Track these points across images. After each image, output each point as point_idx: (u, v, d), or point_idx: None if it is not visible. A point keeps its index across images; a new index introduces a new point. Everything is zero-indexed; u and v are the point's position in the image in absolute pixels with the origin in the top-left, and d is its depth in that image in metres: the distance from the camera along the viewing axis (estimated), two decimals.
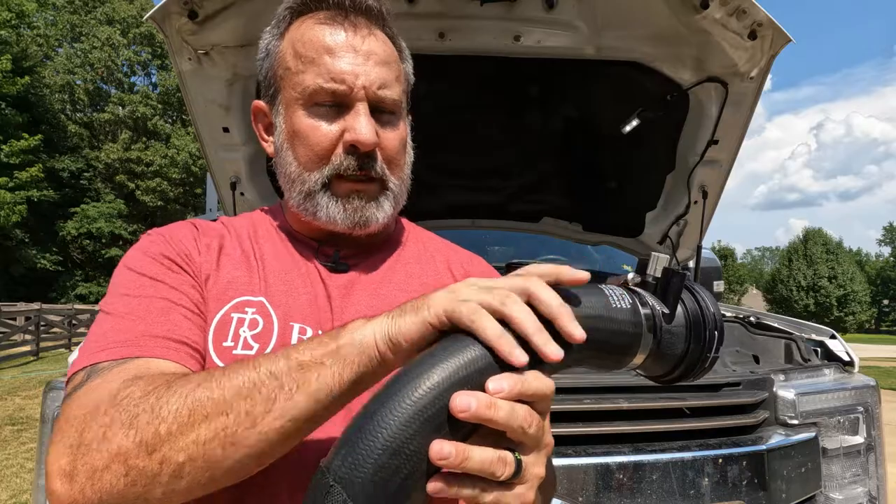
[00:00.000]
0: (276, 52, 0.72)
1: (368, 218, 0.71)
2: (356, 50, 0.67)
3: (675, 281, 0.55)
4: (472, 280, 0.50)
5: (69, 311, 15.21)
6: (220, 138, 1.97)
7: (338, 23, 0.68)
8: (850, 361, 1.66)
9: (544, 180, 2.69)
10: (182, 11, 1.51)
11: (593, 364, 0.54)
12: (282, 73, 0.71)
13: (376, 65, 0.68)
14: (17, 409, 6.51)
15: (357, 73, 0.67)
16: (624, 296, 0.54)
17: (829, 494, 1.44)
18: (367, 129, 0.67)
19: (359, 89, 0.67)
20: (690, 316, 0.56)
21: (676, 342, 0.55)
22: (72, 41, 28.63)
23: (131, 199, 28.25)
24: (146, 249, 0.67)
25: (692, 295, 0.57)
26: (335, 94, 0.67)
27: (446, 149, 2.28)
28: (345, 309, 0.70)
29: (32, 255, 24.08)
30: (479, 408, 0.41)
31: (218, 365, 0.61)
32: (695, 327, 0.55)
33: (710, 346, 0.55)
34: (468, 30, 1.72)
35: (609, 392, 1.38)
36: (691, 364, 0.56)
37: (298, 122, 0.69)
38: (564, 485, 1.20)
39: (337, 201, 0.70)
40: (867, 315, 45.12)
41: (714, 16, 1.62)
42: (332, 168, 0.69)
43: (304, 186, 0.70)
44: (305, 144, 0.69)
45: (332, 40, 0.67)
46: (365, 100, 0.68)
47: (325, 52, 0.67)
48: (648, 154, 2.33)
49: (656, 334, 0.54)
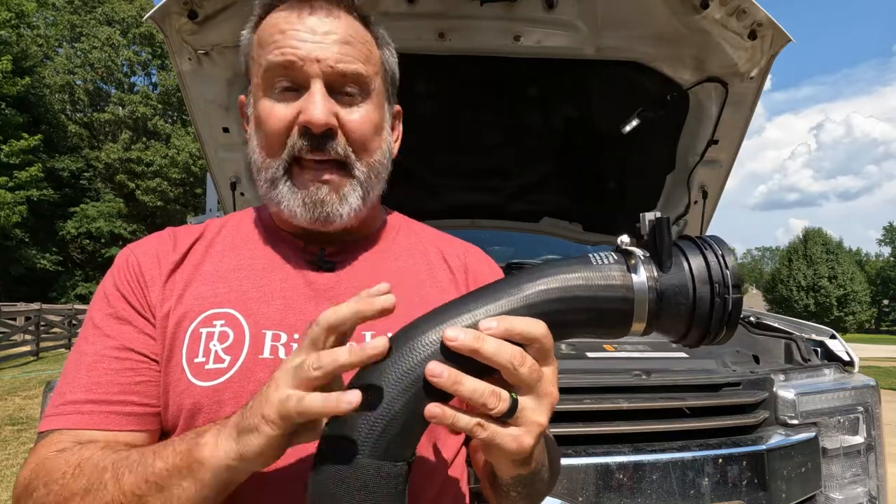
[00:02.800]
0: (247, 45, 0.72)
1: (330, 213, 0.68)
2: (314, 30, 0.66)
3: (660, 228, 0.52)
4: (281, 368, 0.50)
5: (69, 311, 15.20)
6: (220, 138, 1.97)
7: (296, 9, 0.67)
8: (850, 361, 1.65)
9: (544, 180, 2.70)
10: (182, 11, 1.51)
11: (586, 335, 0.55)
12: (249, 63, 0.71)
13: (334, 42, 0.66)
14: (17, 409, 6.51)
15: (310, 48, 0.65)
16: (609, 256, 0.53)
17: (829, 494, 1.44)
18: (319, 107, 0.64)
19: (311, 63, 0.64)
20: (690, 261, 0.52)
21: (680, 291, 0.51)
22: (72, 41, 28.60)
23: (131, 199, 28.23)
24: (105, 285, 0.70)
25: (693, 243, 0.54)
26: (286, 70, 0.65)
27: (446, 149, 2.28)
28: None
29: (32, 255, 24.06)
30: (466, 338, 0.46)
31: (193, 384, 0.63)
32: (697, 270, 0.51)
33: (725, 286, 0.50)
34: (468, 30, 1.72)
35: (609, 392, 1.38)
36: (708, 312, 0.50)
37: (259, 107, 0.68)
38: (564, 485, 1.20)
39: (296, 192, 0.67)
40: (867, 315, 45.06)
41: (714, 16, 1.62)
42: (288, 151, 0.67)
43: (268, 174, 0.69)
44: (264, 129, 0.68)
45: (288, 21, 0.66)
46: (320, 77, 0.65)
47: (279, 33, 0.66)
48: (648, 154, 2.33)
49: (653, 287, 0.51)
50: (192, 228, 0.76)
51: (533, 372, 0.48)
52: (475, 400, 0.46)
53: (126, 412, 0.62)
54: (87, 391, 0.62)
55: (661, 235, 0.51)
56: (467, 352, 0.46)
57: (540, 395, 0.50)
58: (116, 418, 0.62)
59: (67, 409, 0.62)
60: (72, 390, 0.62)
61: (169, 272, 0.69)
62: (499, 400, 0.47)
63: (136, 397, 0.63)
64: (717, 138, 2.06)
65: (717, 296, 0.50)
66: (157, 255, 0.71)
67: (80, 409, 0.61)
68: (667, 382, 1.43)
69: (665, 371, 1.54)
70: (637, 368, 1.52)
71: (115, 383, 0.63)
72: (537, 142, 2.49)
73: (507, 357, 0.46)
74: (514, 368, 0.47)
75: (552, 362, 0.51)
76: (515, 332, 0.48)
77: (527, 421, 0.49)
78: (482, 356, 0.46)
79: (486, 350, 0.46)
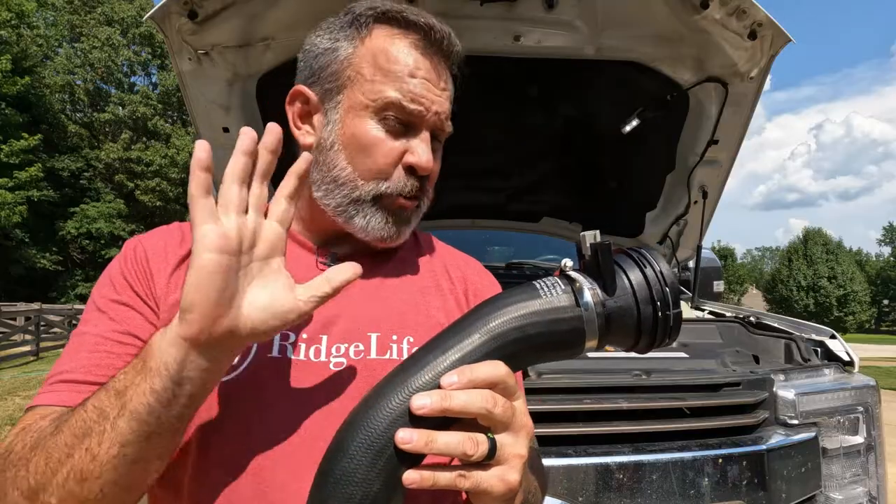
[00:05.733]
0: (350, 53, 0.71)
1: (400, 233, 0.74)
2: (437, 84, 0.71)
3: (603, 253, 0.53)
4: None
5: (69, 311, 15.19)
6: (220, 138, 1.97)
7: (428, 55, 0.71)
8: (850, 361, 1.66)
9: (544, 180, 2.70)
10: (182, 11, 1.51)
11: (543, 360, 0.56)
12: (351, 75, 0.70)
13: (447, 99, 0.73)
14: (18, 409, 6.51)
15: (433, 100, 0.70)
16: (556, 285, 0.54)
17: (829, 494, 1.44)
18: (429, 155, 0.70)
19: (431, 115, 0.70)
20: (633, 282, 0.54)
21: (626, 313, 0.53)
22: (72, 41, 28.61)
23: (131, 199, 28.21)
24: (111, 271, 0.69)
25: (633, 260, 0.56)
26: (409, 114, 0.69)
27: (446, 149, 2.28)
28: (339, 312, 0.69)
29: (32, 255, 24.06)
30: (433, 402, 0.46)
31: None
32: (640, 291, 0.53)
33: (666, 304, 0.53)
34: (468, 30, 1.72)
35: (609, 392, 1.38)
36: (652, 327, 0.54)
37: (363, 129, 0.69)
38: (564, 485, 1.20)
39: (382, 214, 0.71)
40: (867, 315, 45.07)
41: (714, 16, 1.63)
42: (393, 186, 0.70)
43: (355, 193, 0.70)
44: (368, 154, 0.69)
45: (419, 67, 0.70)
46: (431, 128, 0.71)
47: (409, 75, 0.69)
48: (648, 154, 2.34)
49: (601, 312, 0.53)
50: None
51: (506, 410, 0.48)
52: (452, 452, 0.46)
53: None
54: (86, 372, 0.61)
55: (604, 259, 0.53)
56: (438, 413, 0.46)
57: (516, 429, 0.50)
58: None
59: (62, 387, 0.61)
60: (70, 370, 0.62)
61: (175, 265, 0.69)
62: (476, 445, 0.47)
63: None
64: (717, 138, 2.06)
65: (660, 312, 0.53)
66: (164, 247, 0.71)
67: (77, 389, 0.60)
68: (667, 382, 1.43)
69: (665, 371, 1.54)
70: (637, 368, 1.52)
71: (114, 367, 0.61)
72: (537, 142, 2.50)
73: (478, 405, 0.47)
74: (487, 412, 0.47)
75: (520, 395, 0.52)
76: (479, 380, 0.48)
77: (508, 457, 0.49)
78: (453, 412, 0.46)
79: (455, 406, 0.46)
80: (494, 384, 0.48)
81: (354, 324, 0.69)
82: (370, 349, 0.68)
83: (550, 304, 0.52)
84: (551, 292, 0.53)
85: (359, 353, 0.67)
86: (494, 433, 0.49)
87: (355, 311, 0.70)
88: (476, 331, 0.51)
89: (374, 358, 0.67)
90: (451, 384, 0.47)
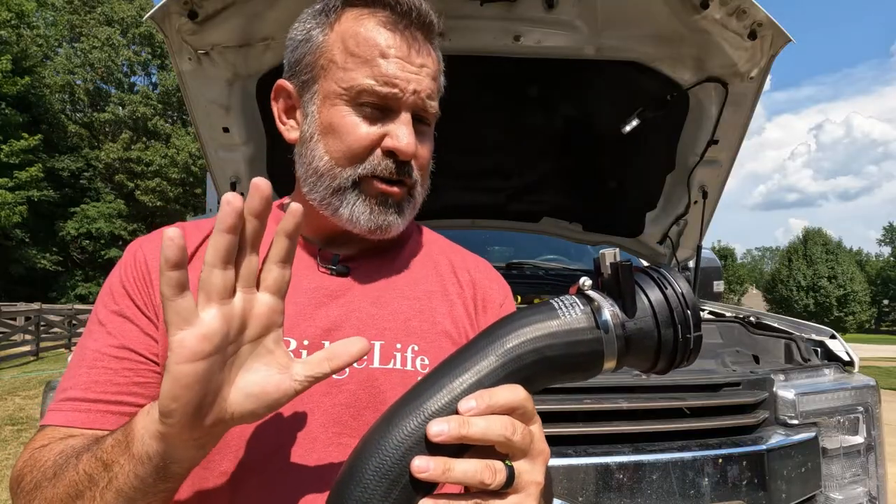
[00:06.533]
0: (321, 42, 0.69)
1: (391, 223, 0.70)
2: (411, 61, 0.67)
3: (624, 273, 0.51)
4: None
5: (69, 311, 15.19)
6: (220, 138, 1.97)
7: (398, 30, 0.67)
8: (850, 361, 1.66)
9: (544, 180, 2.70)
10: (182, 11, 1.51)
11: (559, 382, 0.53)
12: (324, 64, 0.68)
13: (427, 76, 0.68)
14: (17, 409, 6.51)
15: (409, 79, 0.66)
16: (575, 304, 0.52)
17: (829, 494, 1.44)
18: (409, 138, 0.66)
19: (409, 95, 0.66)
20: (654, 304, 0.52)
21: (647, 335, 0.51)
22: (72, 41, 28.62)
23: (131, 199, 28.23)
24: (112, 281, 0.69)
25: (653, 280, 0.53)
26: (384, 98, 0.66)
27: (446, 149, 2.27)
28: (342, 317, 0.68)
29: (32, 255, 24.07)
30: (451, 429, 0.43)
31: None
32: (660, 313, 0.51)
33: (687, 327, 0.51)
34: (468, 30, 1.72)
35: (609, 392, 1.38)
36: (672, 350, 0.52)
37: (338, 117, 0.67)
38: (564, 485, 1.20)
39: (365, 200, 0.68)
40: (867, 315, 45.07)
41: (714, 16, 1.63)
42: (368, 167, 0.67)
43: (335, 182, 0.68)
44: (343, 141, 0.67)
45: (389, 45, 0.66)
46: (410, 109, 0.67)
47: (380, 55, 0.65)
48: (648, 154, 2.33)
49: (621, 335, 0.51)
50: (202, 225, 0.75)
51: (525, 437, 0.46)
52: (469, 481, 0.44)
53: (122, 412, 0.62)
54: (84, 389, 0.62)
55: (625, 279, 0.51)
56: (455, 440, 0.43)
57: (534, 456, 0.48)
58: (112, 418, 0.61)
59: (65, 405, 0.62)
60: (72, 387, 0.63)
61: None
62: (494, 473, 0.44)
63: (132, 398, 0.63)
64: (717, 138, 2.06)
65: (681, 336, 0.51)
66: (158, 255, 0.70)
67: (77, 407, 0.61)
68: (667, 382, 1.43)
69: None
70: None
71: (112, 383, 0.62)
72: (537, 142, 2.49)
73: (498, 432, 0.44)
74: (506, 440, 0.45)
75: (537, 419, 0.50)
76: (498, 406, 0.45)
77: (525, 485, 0.47)
78: (472, 440, 0.44)
79: (474, 433, 0.43)
80: (513, 409, 0.46)
81: (358, 331, 0.67)
82: (373, 358, 0.67)
83: (569, 325, 0.50)
84: (570, 313, 0.51)
85: (362, 362, 0.66)
86: (512, 460, 0.47)
87: (359, 317, 0.69)
88: (493, 352, 0.49)
89: (378, 367, 0.66)
90: (468, 409, 0.44)
